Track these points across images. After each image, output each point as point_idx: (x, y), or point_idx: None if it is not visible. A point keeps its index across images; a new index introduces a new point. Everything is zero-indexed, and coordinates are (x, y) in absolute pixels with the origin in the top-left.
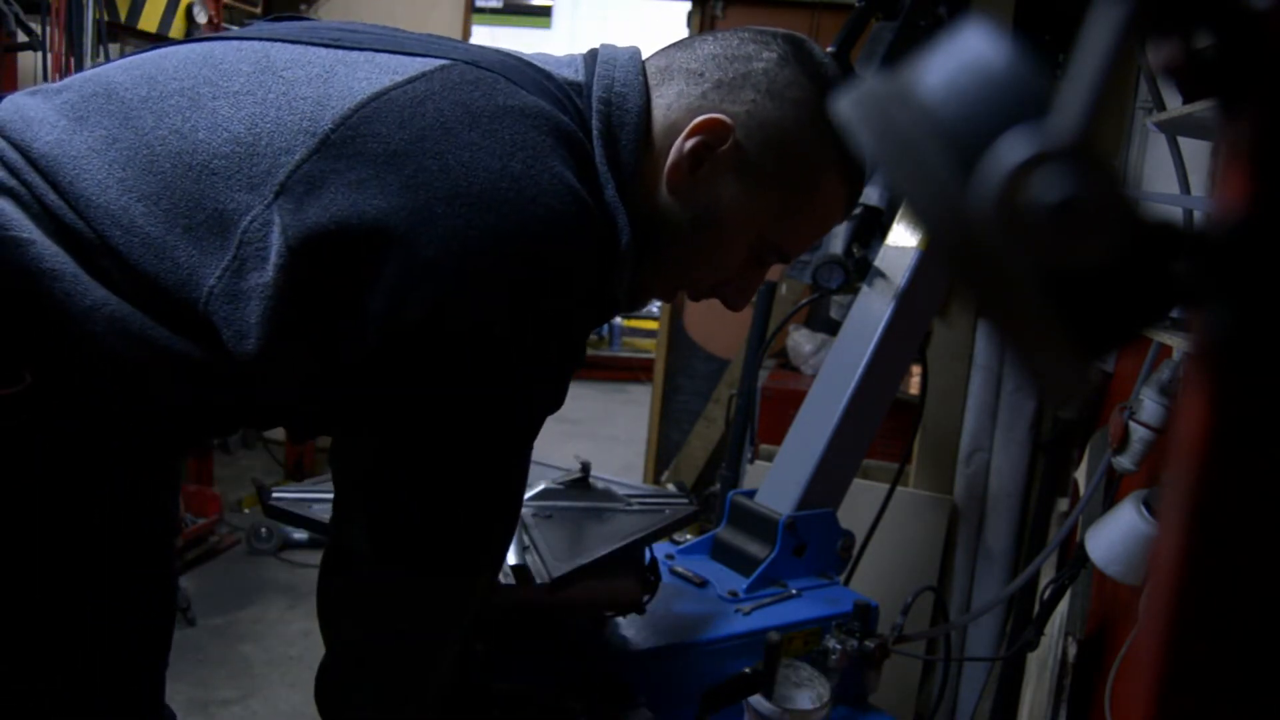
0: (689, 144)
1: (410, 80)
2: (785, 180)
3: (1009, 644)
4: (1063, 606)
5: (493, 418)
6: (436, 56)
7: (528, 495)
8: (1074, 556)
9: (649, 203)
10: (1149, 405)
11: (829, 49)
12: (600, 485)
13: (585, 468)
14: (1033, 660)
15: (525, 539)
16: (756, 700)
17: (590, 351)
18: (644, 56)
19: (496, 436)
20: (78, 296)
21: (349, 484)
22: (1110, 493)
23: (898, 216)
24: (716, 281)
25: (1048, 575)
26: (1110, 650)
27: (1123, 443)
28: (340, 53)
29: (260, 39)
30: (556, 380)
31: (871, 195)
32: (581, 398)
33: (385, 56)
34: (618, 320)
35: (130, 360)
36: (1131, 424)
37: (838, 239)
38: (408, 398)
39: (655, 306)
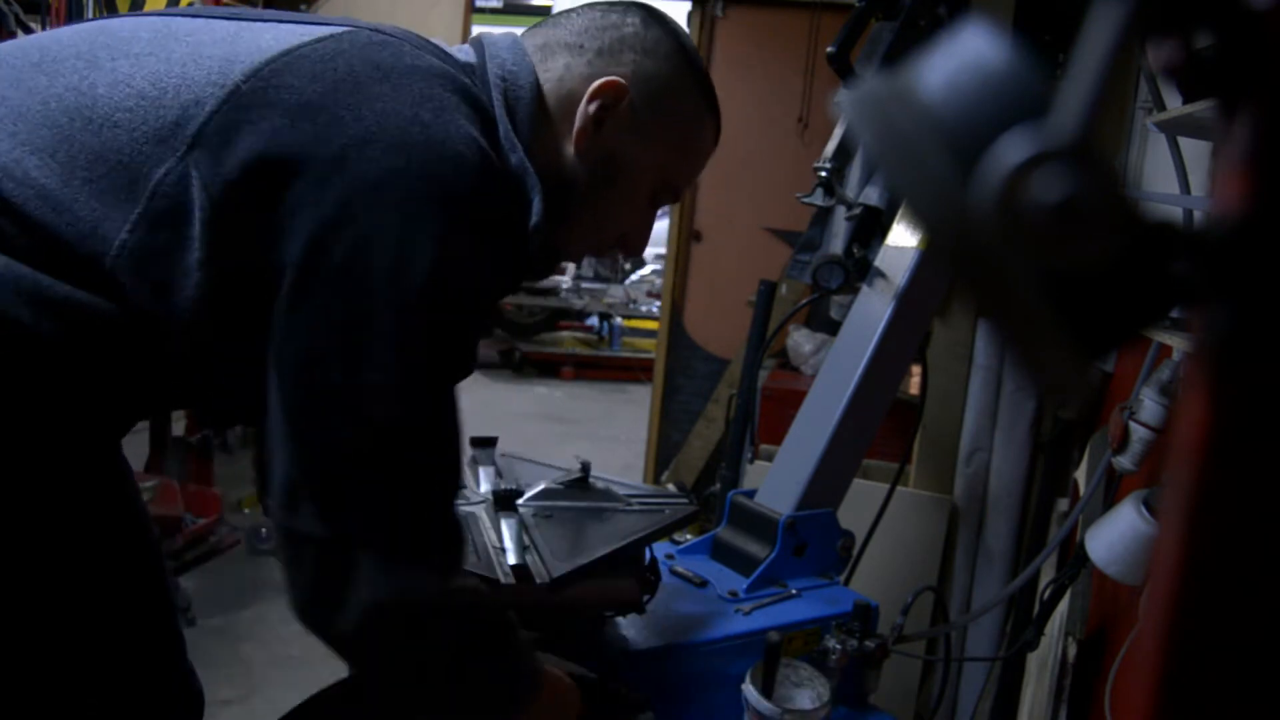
0: (592, 107)
1: (319, 40)
2: (672, 125)
3: (1009, 644)
4: (1063, 606)
5: (415, 357)
6: (339, 25)
7: (528, 495)
8: (1074, 556)
9: (554, 168)
10: (1149, 405)
11: (829, 49)
12: (600, 485)
13: (585, 468)
14: (1033, 660)
15: (525, 539)
16: (756, 700)
17: (590, 351)
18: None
19: (422, 375)
20: None
21: (284, 455)
22: (1110, 493)
23: (898, 216)
24: (621, 232)
25: (1048, 575)
26: (1110, 650)
27: (1123, 443)
28: (242, 24)
29: (158, 15)
30: (470, 320)
31: (871, 195)
32: (581, 398)
33: (289, 25)
34: (618, 320)
35: (30, 325)
36: (1131, 424)
37: (838, 239)
38: (328, 332)
39: (655, 306)
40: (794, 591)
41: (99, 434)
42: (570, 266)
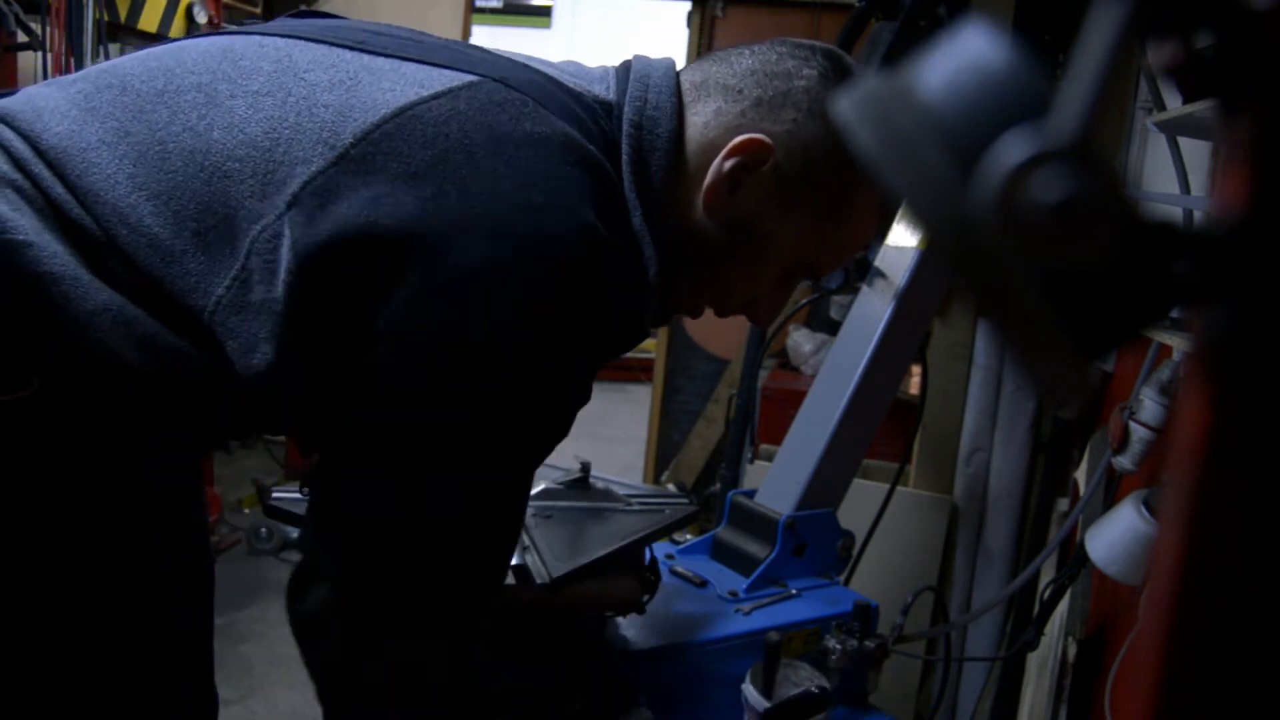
0: (728, 164)
1: (436, 96)
2: (824, 201)
3: (1009, 644)
4: (1063, 606)
5: (489, 449)
6: (465, 70)
7: None
8: (1074, 556)
9: (682, 223)
10: (1149, 405)
11: None
12: (600, 485)
13: (585, 468)
14: (1033, 660)
15: (525, 539)
16: (756, 700)
17: None
18: (678, 68)
19: (489, 469)
20: (78, 300)
21: (328, 513)
22: (1110, 493)
23: (898, 216)
24: (745, 300)
25: (1048, 575)
26: (1110, 650)
27: (1123, 443)
28: (366, 58)
29: (283, 35)
30: (557, 415)
31: None
32: None
33: (412, 67)
34: None
35: (137, 365)
36: (1131, 424)
37: None
38: (406, 421)
39: None
40: (794, 591)
41: (181, 460)
42: None
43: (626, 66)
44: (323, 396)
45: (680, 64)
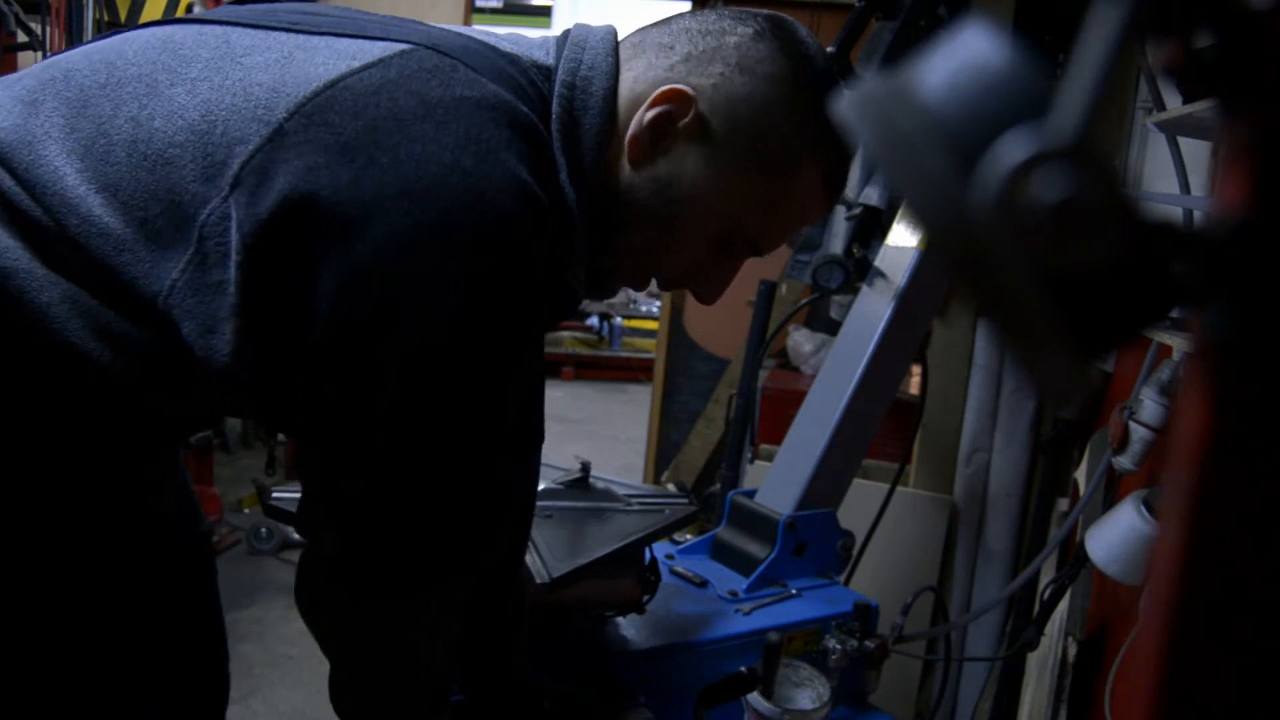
0: (649, 114)
1: (367, 67)
2: (754, 161)
3: (1009, 644)
4: (1063, 606)
5: (440, 423)
6: (397, 40)
7: None
8: (1074, 556)
9: (614, 183)
10: (1149, 405)
11: (829, 49)
12: (600, 485)
13: (585, 468)
14: (1033, 660)
15: None
16: (756, 700)
17: (590, 351)
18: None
19: (451, 441)
20: (33, 292)
21: (307, 491)
22: (1110, 493)
23: (898, 216)
24: (686, 269)
25: (1048, 575)
26: (1110, 650)
27: (1123, 443)
28: (300, 37)
29: (222, 22)
30: (508, 380)
31: (871, 195)
32: (581, 398)
33: (345, 41)
34: (618, 320)
35: (97, 356)
36: (1131, 424)
37: (838, 239)
38: (357, 400)
39: (655, 306)
40: (794, 591)
41: (152, 450)
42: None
43: (567, 34)
44: (287, 376)
45: None
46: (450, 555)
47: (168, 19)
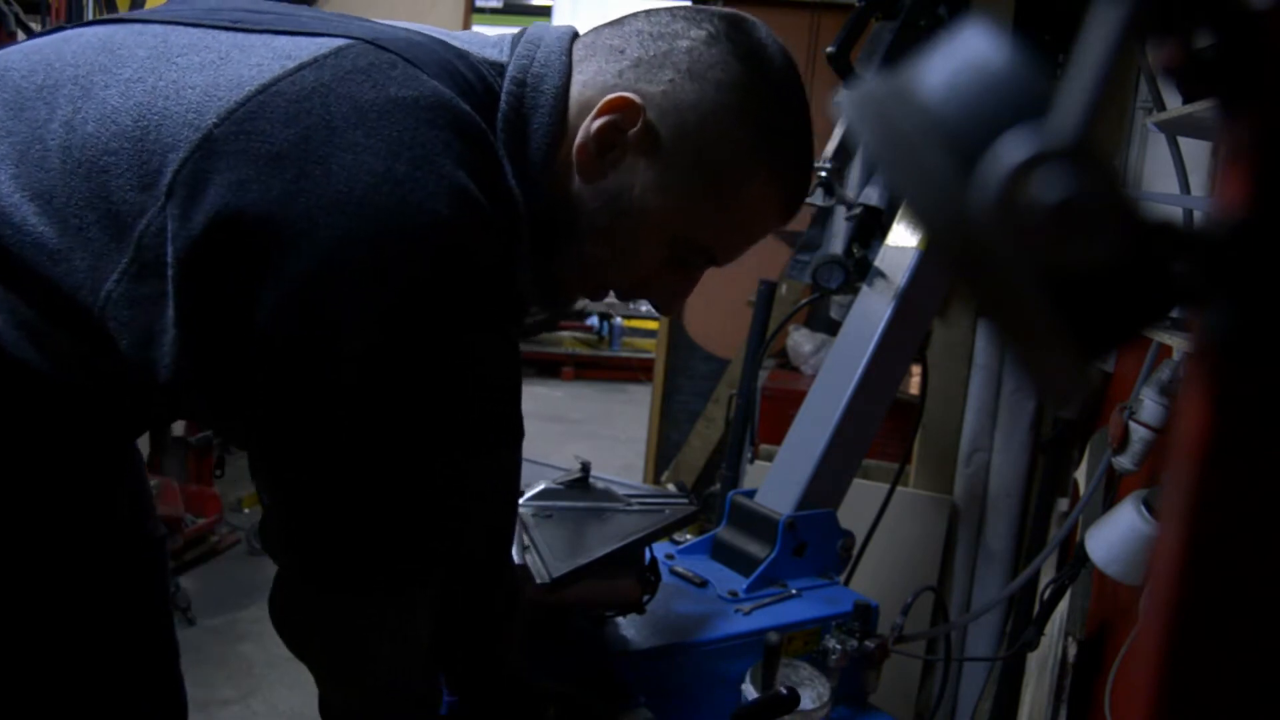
0: (595, 124)
1: (301, 67)
2: (703, 171)
3: (1009, 644)
4: (1063, 606)
5: (384, 432)
6: (337, 35)
7: (528, 495)
8: (1074, 556)
9: (561, 190)
10: (1149, 405)
11: (829, 49)
12: (600, 485)
13: (585, 468)
14: (1033, 660)
15: (525, 539)
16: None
17: (590, 351)
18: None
19: (393, 451)
20: None
21: (263, 501)
22: (1110, 493)
23: (898, 216)
24: (638, 280)
25: (1048, 575)
26: (1110, 650)
27: (1123, 443)
28: (240, 36)
29: (162, 21)
30: (454, 387)
31: (871, 195)
32: (581, 398)
33: (283, 40)
34: (618, 320)
35: (36, 366)
36: (1131, 424)
37: (838, 239)
38: (297, 414)
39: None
40: (794, 591)
41: (102, 450)
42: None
43: (523, 32)
44: (230, 386)
45: None
46: (410, 550)
47: (112, 16)
